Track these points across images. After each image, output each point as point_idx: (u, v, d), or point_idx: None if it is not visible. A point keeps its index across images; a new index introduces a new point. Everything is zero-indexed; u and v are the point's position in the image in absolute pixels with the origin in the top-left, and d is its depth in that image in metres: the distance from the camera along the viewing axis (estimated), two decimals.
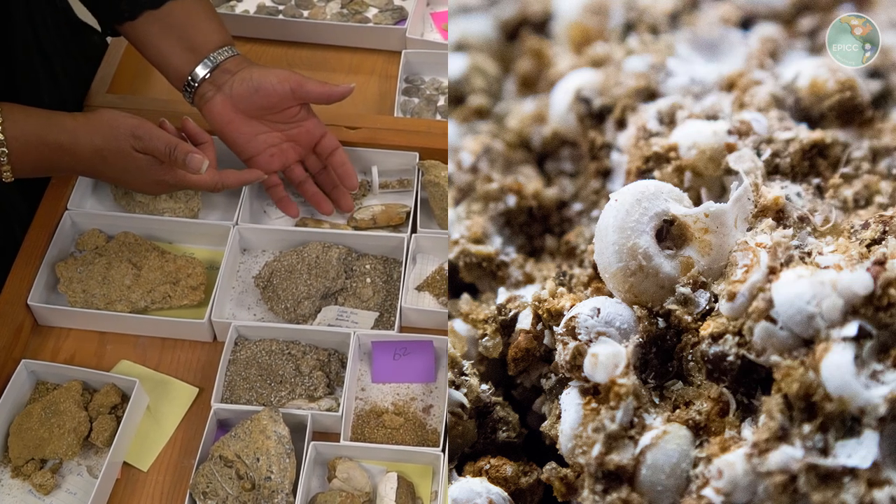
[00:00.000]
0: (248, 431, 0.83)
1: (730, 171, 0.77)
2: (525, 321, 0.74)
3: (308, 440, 0.84)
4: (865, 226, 0.68)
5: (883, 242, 0.65)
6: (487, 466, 0.72)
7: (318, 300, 0.95)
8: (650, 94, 0.86)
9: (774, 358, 0.62)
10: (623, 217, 0.69)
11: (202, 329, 0.93)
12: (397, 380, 0.92)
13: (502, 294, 0.79)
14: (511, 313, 0.76)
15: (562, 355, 0.69)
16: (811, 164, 0.79)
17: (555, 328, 0.71)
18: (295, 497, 0.81)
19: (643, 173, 0.79)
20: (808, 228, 0.71)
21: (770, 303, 0.63)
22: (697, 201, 0.77)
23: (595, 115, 0.87)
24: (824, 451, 0.60)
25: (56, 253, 0.97)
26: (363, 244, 0.99)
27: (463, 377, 0.74)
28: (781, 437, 0.61)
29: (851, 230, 0.70)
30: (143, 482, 0.85)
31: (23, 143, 0.83)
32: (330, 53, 1.23)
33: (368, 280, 0.98)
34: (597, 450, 0.65)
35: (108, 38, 1.13)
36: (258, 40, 1.23)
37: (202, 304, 0.94)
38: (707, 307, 0.68)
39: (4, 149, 0.82)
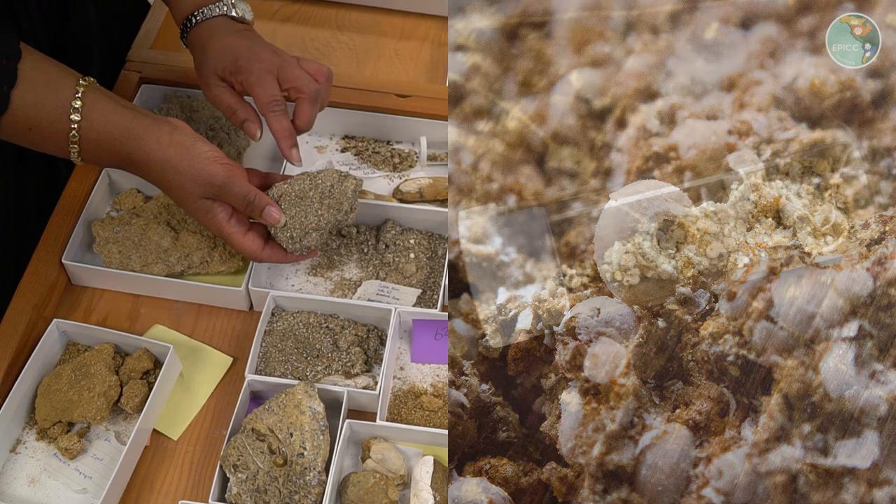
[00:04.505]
0: (282, 405, 0.81)
1: (730, 171, 0.77)
2: (525, 321, 0.74)
3: (343, 418, 0.82)
4: (865, 226, 0.68)
5: (883, 242, 0.65)
6: (487, 466, 0.71)
7: (325, 233, 0.88)
8: (650, 94, 0.86)
9: (774, 358, 0.62)
10: (623, 217, 0.69)
11: (239, 297, 0.90)
12: (438, 361, 0.89)
13: (502, 294, 0.79)
14: (511, 313, 0.76)
15: (562, 355, 0.69)
16: (811, 164, 0.79)
17: (555, 328, 0.71)
18: (327, 475, 0.79)
19: (643, 173, 0.79)
20: (808, 228, 0.71)
21: (770, 303, 0.63)
22: (697, 201, 0.77)
23: (595, 115, 0.87)
24: (824, 451, 0.60)
25: (93, 211, 0.94)
26: (408, 218, 0.96)
27: (463, 377, 0.74)
28: (781, 437, 0.61)
29: (851, 230, 0.70)
30: (173, 451, 0.84)
31: (95, 146, 0.80)
32: (380, 16, 1.16)
33: (412, 255, 0.95)
34: (597, 450, 0.65)
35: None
36: (305, 0, 1.17)
37: (240, 272, 0.92)
38: (707, 307, 0.68)
39: (77, 146, 0.80)
